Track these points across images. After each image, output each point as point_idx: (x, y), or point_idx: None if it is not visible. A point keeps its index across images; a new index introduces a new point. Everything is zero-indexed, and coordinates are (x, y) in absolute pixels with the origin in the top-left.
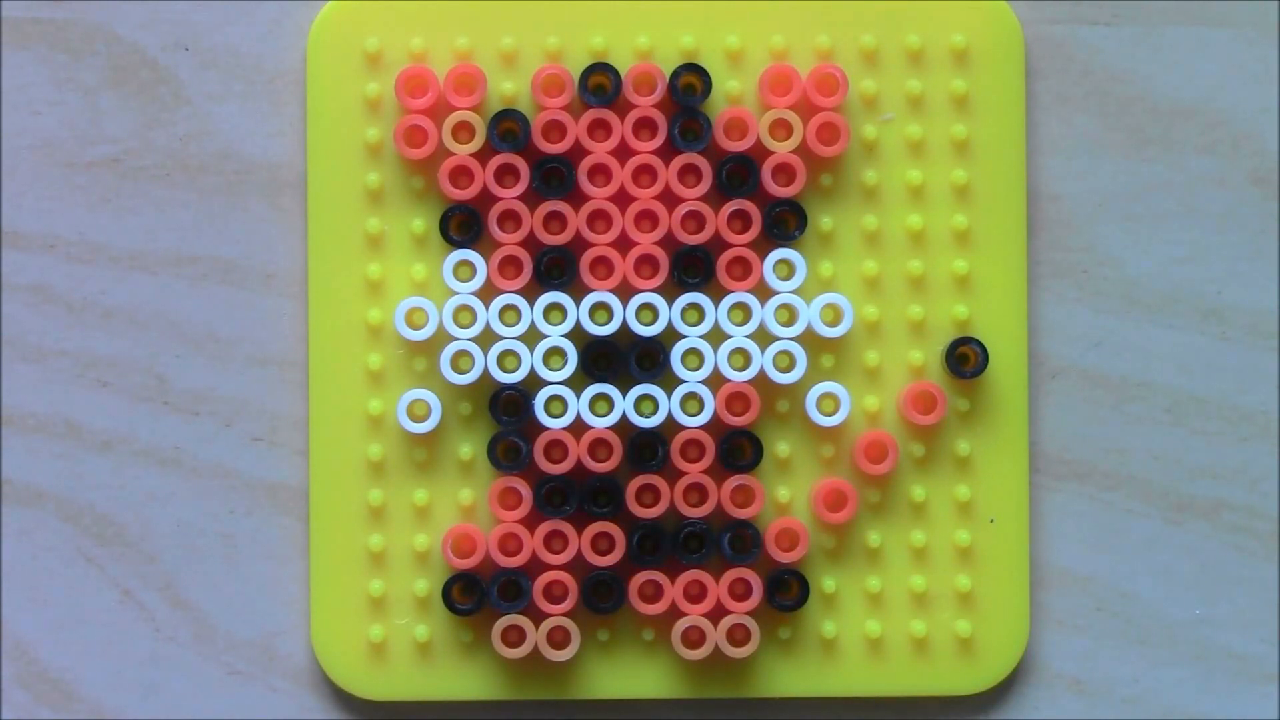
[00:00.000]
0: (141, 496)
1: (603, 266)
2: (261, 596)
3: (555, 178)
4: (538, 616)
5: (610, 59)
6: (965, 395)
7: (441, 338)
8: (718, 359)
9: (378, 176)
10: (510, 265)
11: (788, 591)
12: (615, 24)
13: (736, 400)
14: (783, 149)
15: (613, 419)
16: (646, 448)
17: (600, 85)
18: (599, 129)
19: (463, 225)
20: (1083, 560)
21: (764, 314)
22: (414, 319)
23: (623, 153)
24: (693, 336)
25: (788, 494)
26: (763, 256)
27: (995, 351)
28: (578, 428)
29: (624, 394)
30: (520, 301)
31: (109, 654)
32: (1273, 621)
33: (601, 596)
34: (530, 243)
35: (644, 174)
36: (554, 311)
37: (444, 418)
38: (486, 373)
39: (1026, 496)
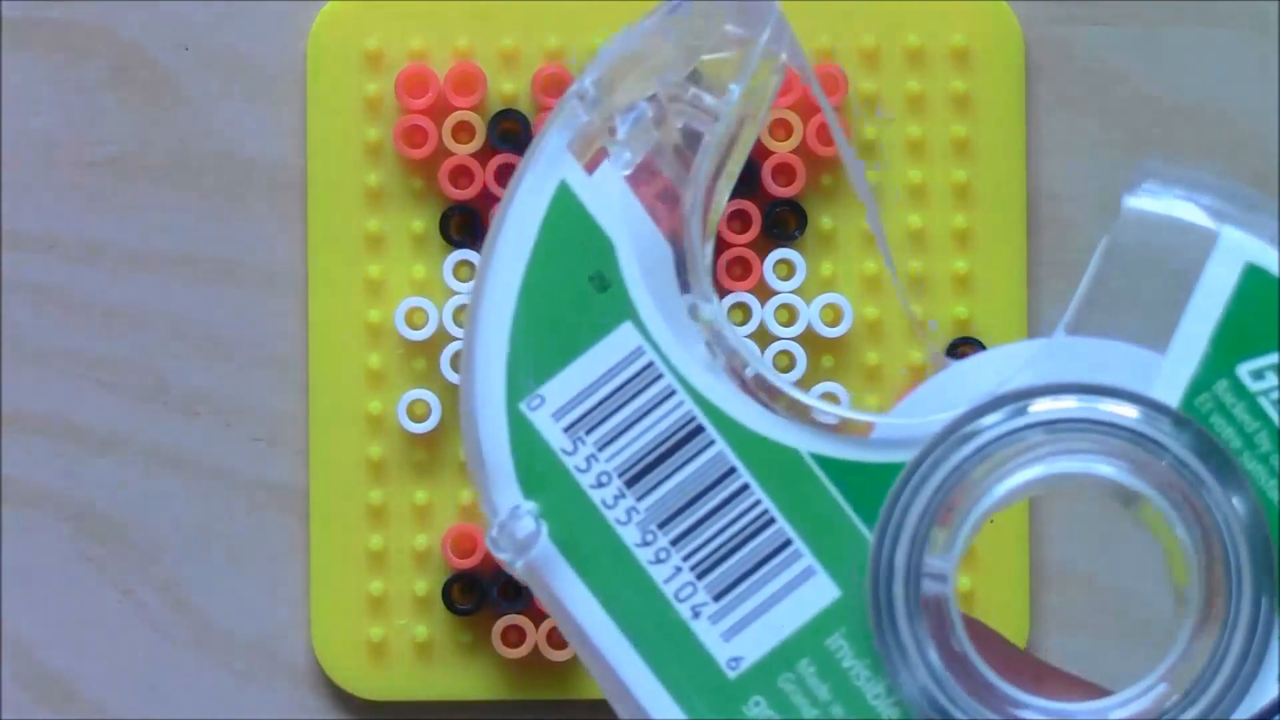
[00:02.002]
0: (141, 496)
1: None
2: (261, 596)
3: None
4: (538, 616)
5: None
6: None
7: (441, 338)
8: None
9: (378, 176)
10: None
11: None
12: (615, 24)
13: None
14: (783, 149)
15: None
16: None
17: None
18: None
19: (463, 225)
20: (1083, 560)
21: (764, 314)
22: (414, 319)
23: None
24: None
25: None
26: (763, 256)
27: None
28: None
29: None
30: None
31: (109, 654)
32: None
33: None
34: None
35: None
36: None
37: (444, 418)
38: None
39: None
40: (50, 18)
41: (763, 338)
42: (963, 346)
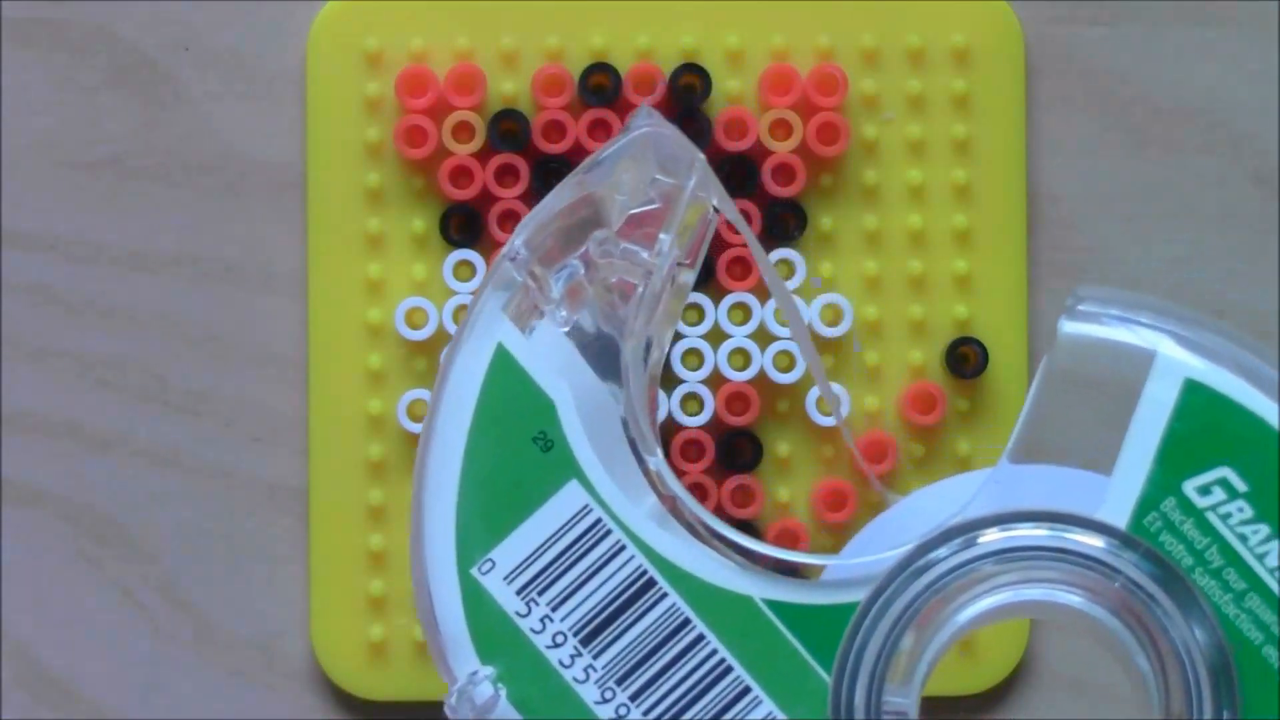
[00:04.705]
0: (141, 496)
1: None
2: (261, 596)
3: (555, 178)
4: None
5: (610, 59)
6: (965, 395)
7: (441, 337)
8: (718, 359)
9: (378, 176)
10: None
11: None
12: (615, 24)
13: (736, 400)
14: (783, 149)
15: None
16: None
17: (600, 85)
18: (599, 129)
19: (463, 225)
20: None
21: (764, 314)
22: (414, 319)
23: None
24: (693, 336)
25: (788, 494)
26: None
27: (995, 351)
28: None
29: None
30: None
31: (109, 654)
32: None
33: None
34: None
35: None
36: None
37: None
38: None
39: None
40: (50, 18)
41: (763, 338)
42: (962, 347)
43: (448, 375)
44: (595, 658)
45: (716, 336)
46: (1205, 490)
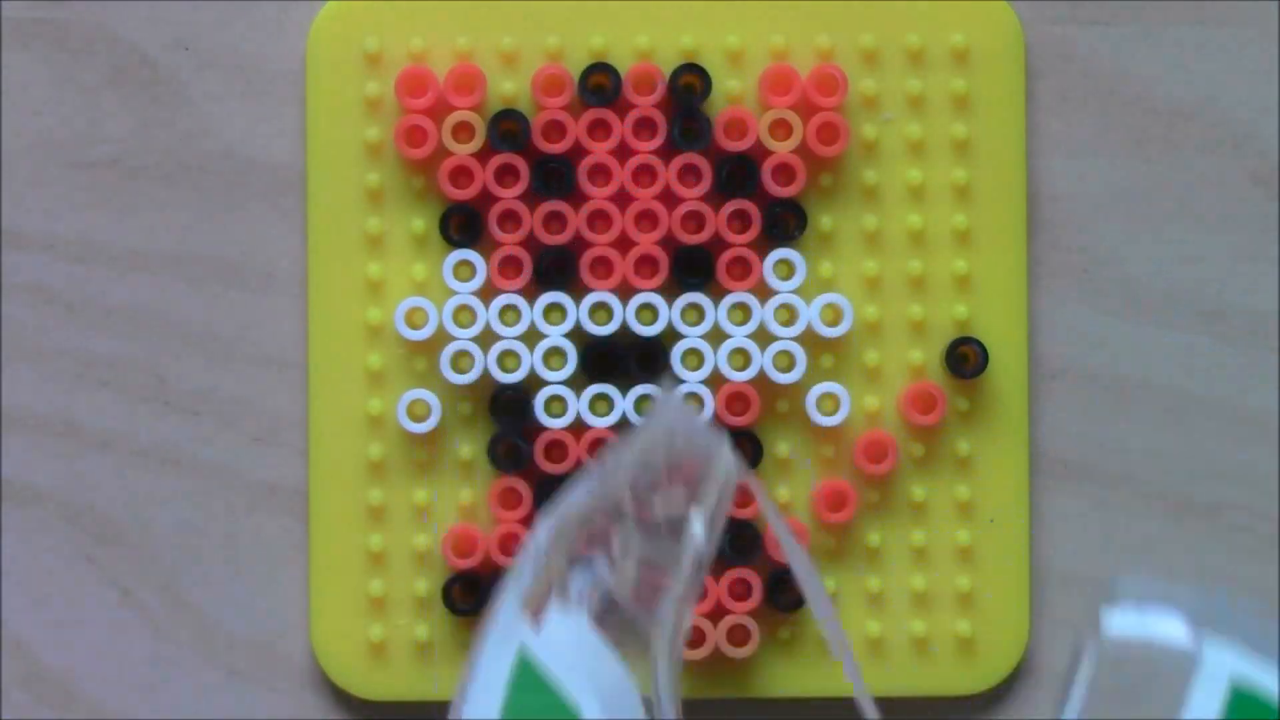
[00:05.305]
0: (141, 496)
1: (603, 266)
2: (261, 596)
3: (555, 178)
4: None
5: (610, 59)
6: (965, 395)
7: (441, 338)
8: (717, 359)
9: (378, 176)
10: (510, 265)
11: (788, 591)
12: (615, 24)
13: (736, 400)
14: (783, 149)
15: (613, 419)
16: None
17: (600, 85)
18: (599, 129)
19: (463, 225)
20: (1083, 560)
21: (764, 314)
22: (414, 319)
23: (623, 153)
24: (693, 337)
25: (788, 494)
26: (762, 256)
27: (995, 351)
28: (578, 428)
29: (624, 394)
30: (520, 301)
31: (109, 654)
32: None
33: None
34: (530, 243)
35: (644, 174)
36: (554, 312)
37: (444, 418)
38: (486, 373)
39: (1026, 496)
40: (50, 18)
41: (763, 338)
42: (962, 347)
43: (470, 684)
44: None
45: (716, 336)
46: None
